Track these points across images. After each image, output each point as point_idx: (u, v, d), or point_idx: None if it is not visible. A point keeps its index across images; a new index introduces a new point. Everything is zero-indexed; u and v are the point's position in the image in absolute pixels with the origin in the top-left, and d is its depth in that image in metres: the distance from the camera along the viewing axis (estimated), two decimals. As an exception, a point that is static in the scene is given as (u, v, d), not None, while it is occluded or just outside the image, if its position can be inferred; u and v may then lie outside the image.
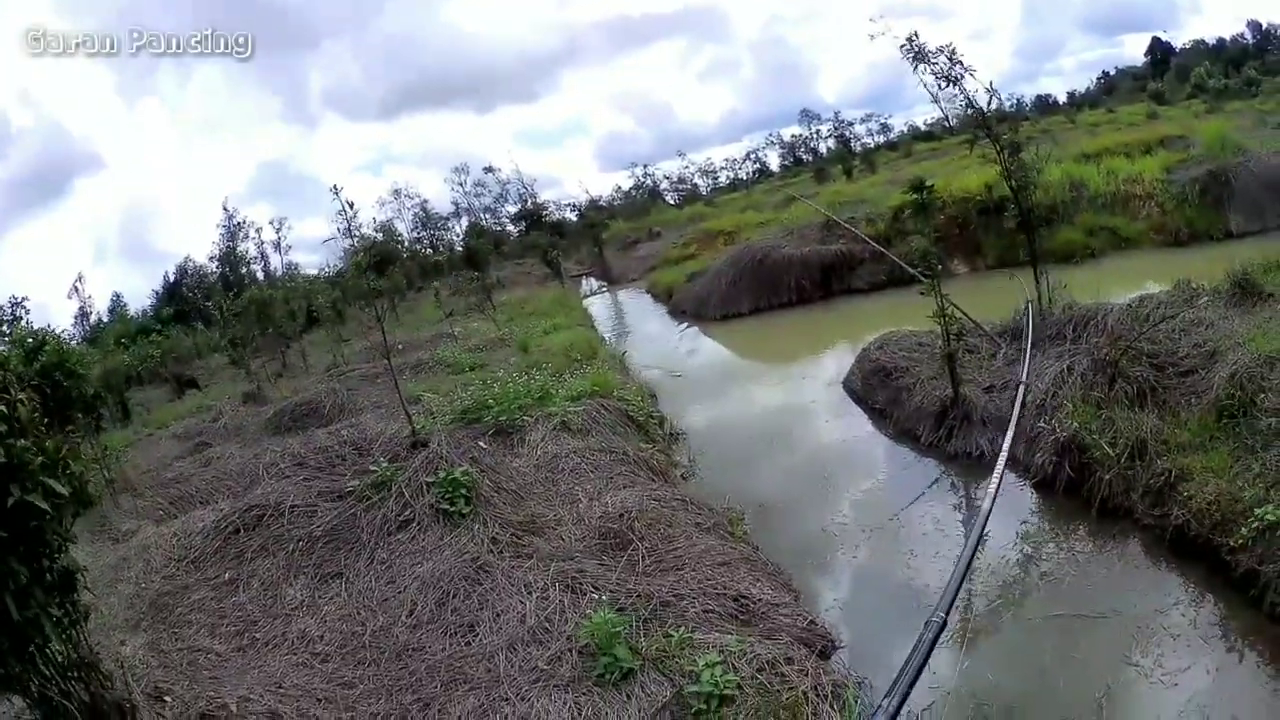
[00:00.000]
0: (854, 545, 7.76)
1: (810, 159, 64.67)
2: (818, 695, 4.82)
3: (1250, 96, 39.48)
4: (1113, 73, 72.29)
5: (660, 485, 8.88)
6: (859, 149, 58.60)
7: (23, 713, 4.86)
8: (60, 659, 4.20)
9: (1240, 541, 5.87)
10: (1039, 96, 69.16)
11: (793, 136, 69.68)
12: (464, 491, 8.00)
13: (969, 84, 10.94)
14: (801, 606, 6.20)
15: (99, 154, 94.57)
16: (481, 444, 9.43)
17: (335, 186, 8.83)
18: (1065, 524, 7.40)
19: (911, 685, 4.42)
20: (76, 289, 41.63)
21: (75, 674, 4.28)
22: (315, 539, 7.95)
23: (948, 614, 5.02)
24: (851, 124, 65.24)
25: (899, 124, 67.46)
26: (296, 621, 6.83)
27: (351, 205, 9.11)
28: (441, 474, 8.20)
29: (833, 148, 62.56)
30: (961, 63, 10.85)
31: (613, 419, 10.93)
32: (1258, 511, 5.87)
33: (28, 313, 19.27)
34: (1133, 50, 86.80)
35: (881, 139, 64.71)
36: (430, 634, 6.38)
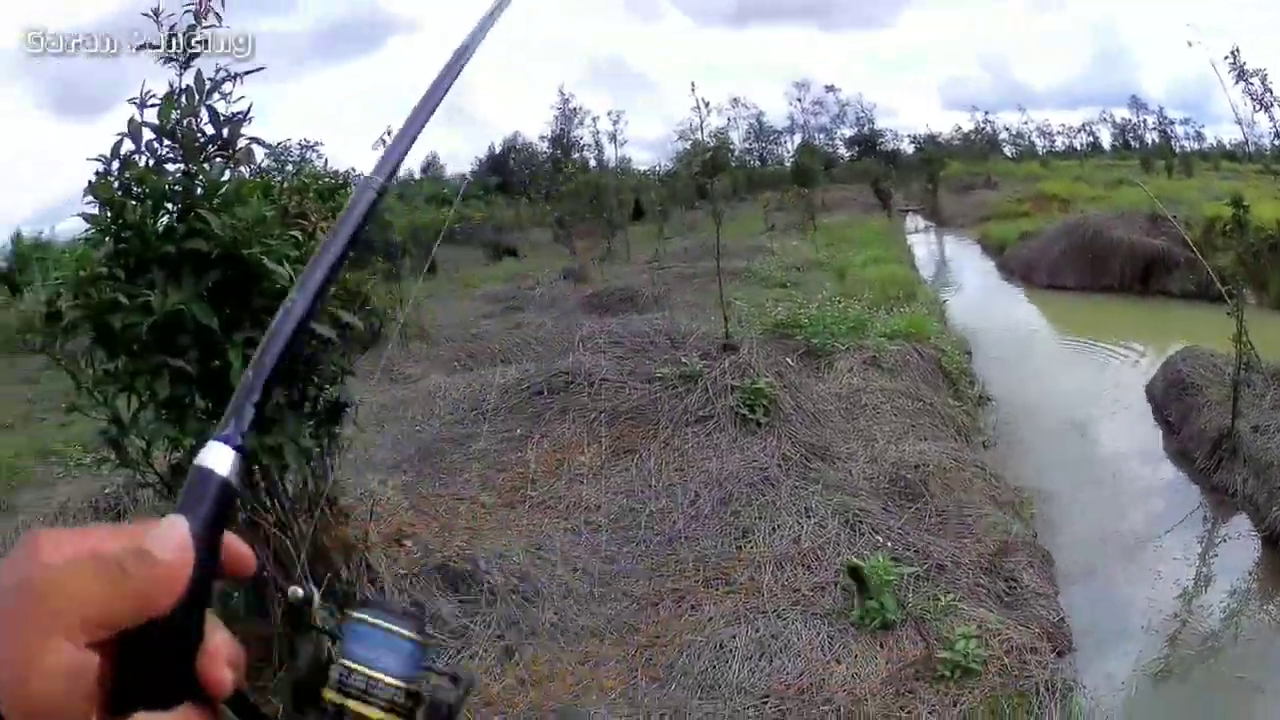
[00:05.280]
0: (1113, 555, 7.32)
1: (1136, 146, 57.38)
2: (1048, 691, 4.56)
3: None
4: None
5: (962, 447, 8.27)
6: (1177, 149, 51.11)
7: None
8: (293, 490, 3.97)
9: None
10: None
11: (1122, 119, 61.99)
12: (764, 402, 7.91)
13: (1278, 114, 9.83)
14: (1058, 601, 5.82)
15: (416, 17, 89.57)
16: (789, 360, 9.28)
17: (693, 84, 8.98)
18: (1281, 585, 6.73)
19: None
20: (384, 141, 44.78)
21: (304, 506, 4.04)
22: (619, 413, 8.23)
23: None
24: (1174, 123, 57.09)
25: (1210, 136, 58.04)
26: (577, 487, 7.12)
27: (706, 104, 9.19)
28: (747, 380, 8.16)
29: (1156, 141, 55.46)
30: (1272, 90, 10.46)
31: (925, 366, 10.30)
32: None
33: (319, 156, 20.33)
34: None
35: (1195, 146, 55.97)
36: (706, 528, 6.45)
